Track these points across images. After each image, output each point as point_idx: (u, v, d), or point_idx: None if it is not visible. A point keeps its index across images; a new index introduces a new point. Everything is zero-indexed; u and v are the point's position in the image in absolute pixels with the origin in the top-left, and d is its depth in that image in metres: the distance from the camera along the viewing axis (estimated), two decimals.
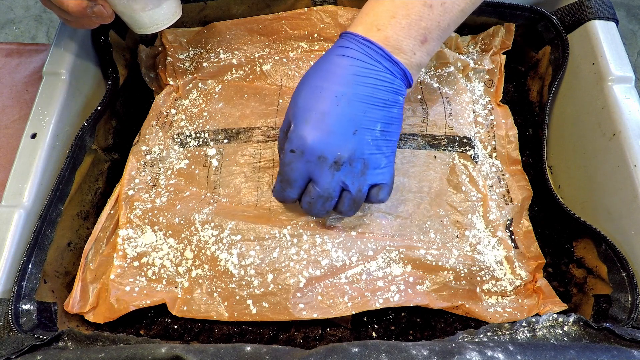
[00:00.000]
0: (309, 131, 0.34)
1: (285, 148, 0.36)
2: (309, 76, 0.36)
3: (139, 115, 0.52)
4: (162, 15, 0.42)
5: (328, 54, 0.37)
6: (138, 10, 0.41)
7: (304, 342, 0.40)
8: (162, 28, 0.43)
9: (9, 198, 0.39)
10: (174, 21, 0.43)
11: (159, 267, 0.42)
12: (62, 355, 0.31)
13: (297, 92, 0.36)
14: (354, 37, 0.36)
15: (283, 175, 0.37)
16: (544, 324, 0.33)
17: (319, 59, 0.37)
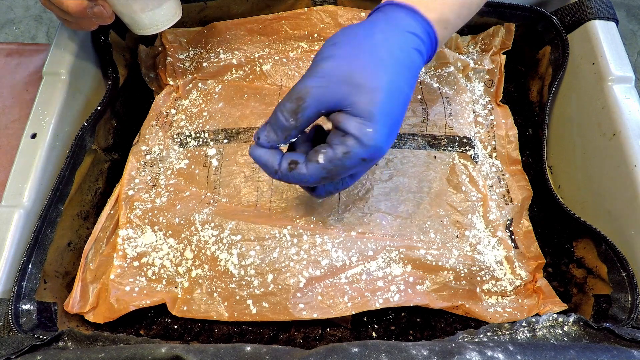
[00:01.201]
0: (386, 140, 0.31)
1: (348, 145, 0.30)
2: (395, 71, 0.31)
3: (139, 115, 0.52)
4: (162, 17, 0.42)
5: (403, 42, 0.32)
6: (138, 11, 0.41)
7: (304, 342, 0.40)
8: (162, 29, 0.43)
9: (9, 198, 0.39)
10: (173, 22, 0.44)
11: (159, 267, 0.42)
12: (62, 355, 0.31)
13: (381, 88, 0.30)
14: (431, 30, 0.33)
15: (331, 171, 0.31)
16: (544, 324, 0.33)
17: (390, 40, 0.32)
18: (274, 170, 0.32)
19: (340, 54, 0.31)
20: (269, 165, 0.32)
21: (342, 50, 0.31)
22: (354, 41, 0.31)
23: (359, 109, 0.30)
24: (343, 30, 0.33)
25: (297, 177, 0.32)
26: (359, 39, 0.31)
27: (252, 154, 0.33)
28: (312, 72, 0.31)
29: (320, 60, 0.31)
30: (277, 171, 0.32)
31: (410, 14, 0.33)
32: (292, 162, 0.32)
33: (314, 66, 0.31)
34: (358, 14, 0.51)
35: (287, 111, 0.31)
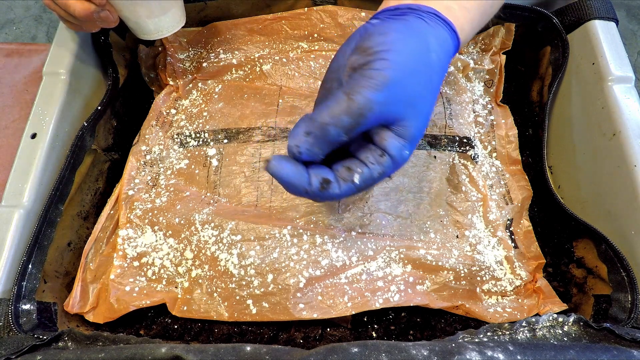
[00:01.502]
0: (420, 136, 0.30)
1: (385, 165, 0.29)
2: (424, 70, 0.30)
3: (139, 115, 0.52)
4: (167, 23, 0.43)
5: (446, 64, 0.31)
6: (144, 17, 0.41)
7: (304, 342, 0.40)
8: (166, 35, 0.44)
9: (9, 198, 0.39)
10: (178, 28, 0.44)
11: (159, 267, 0.42)
12: (62, 355, 0.31)
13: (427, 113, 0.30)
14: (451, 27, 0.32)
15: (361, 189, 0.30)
16: (544, 324, 0.33)
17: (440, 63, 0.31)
18: (304, 190, 0.29)
19: (402, 69, 0.28)
20: (298, 185, 0.29)
21: (403, 64, 0.28)
22: (412, 57, 0.29)
23: (407, 132, 0.29)
24: (396, 33, 0.29)
25: (327, 196, 0.29)
26: (416, 56, 0.29)
27: (279, 173, 0.28)
28: (372, 83, 0.27)
29: (380, 69, 0.27)
30: (307, 191, 0.29)
31: (449, 31, 0.32)
32: (324, 181, 0.29)
33: (373, 74, 0.27)
34: (358, 14, 0.51)
35: (344, 127, 0.27)
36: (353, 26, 0.51)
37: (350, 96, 0.27)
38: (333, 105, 0.27)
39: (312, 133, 0.28)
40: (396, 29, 0.30)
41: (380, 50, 0.28)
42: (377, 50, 0.28)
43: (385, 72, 0.27)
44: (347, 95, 0.27)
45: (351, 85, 0.27)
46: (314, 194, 0.29)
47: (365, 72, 0.28)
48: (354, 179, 0.29)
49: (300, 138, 0.28)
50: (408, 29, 0.30)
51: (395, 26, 0.30)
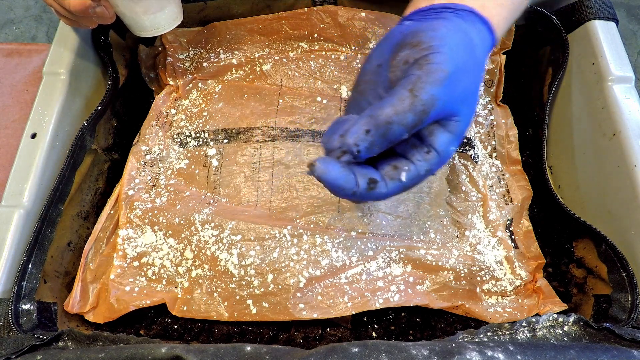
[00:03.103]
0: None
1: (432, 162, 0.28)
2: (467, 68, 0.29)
3: (139, 115, 0.52)
4: (163, 20, 0.42)
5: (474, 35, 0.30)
6: (140, 13, 0.41)
7: (304, 342, 0.40)
8: (163, 32, 0.43)
9: (9, 198, 0.39)
10: (174, 25, 0.44)
11: (159, 267, 0.42)
12: (62, 355, 0.31)
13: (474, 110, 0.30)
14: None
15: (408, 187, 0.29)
16: (544, 324, 0.33)
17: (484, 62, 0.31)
18: (352, 192, 0.28)
19: (457, 64, 0.27)
20: (346, 187, 0.27)
21: (458, 59, 0.28)
22: (464, 52, 0.29)
23: (457, 127, 0.28)
24: (445, 29, 0.29)
25: (374, 197, 0.29)
26: (467, 51, 0.29)
27: (326, 176, 0.27)
28: (434, 77, 0.26)
29: (440, 62, 0.27)
30: (355, 192, 0.28)
31: (487, 29, 0.31)
32: (371, 180, 0.28)
33: (434, 68, 0.27)
34: (358, 14, 0.51)
35: (407, 125, 0.26)
36: (353, 26, 0.51)
37: (414, 92, 0.26)
38: (396, 103, 0.26)
39: (373, 131, 0.26)
40: (443, 25, 0.29)
41: (435, 45, 0.27)
42: (431, 44, 0.27)
43: (444, 66, 0.27)
44: (411, 92, 0.26)
45: (412, 81, 0.26)
46: (361, 195, 0.28)
47: (425, 66, 0.27)
48: (401, 177, 0.28)
49: (359, 136, 0.27)
50: (452, 25, 0.30)
51: (440, 23, 0.30)
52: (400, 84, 0.27)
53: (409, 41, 0.29)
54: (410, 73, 0.27)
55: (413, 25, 0.30)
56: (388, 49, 0.31)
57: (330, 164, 0.27)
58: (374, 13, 0.51)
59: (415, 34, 0.29)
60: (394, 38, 0.31)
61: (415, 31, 0.29)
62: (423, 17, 0.32)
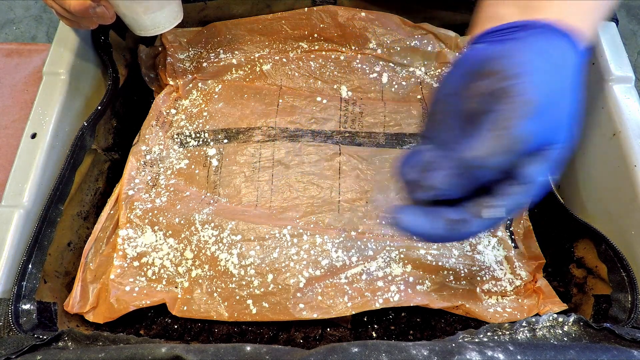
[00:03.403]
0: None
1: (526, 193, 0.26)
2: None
3: (139, 115, 0.52)
4: (163, 19, 0.42)
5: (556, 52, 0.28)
6: (140, 12, 0.41)
7: (304, 342, 0.40)
8: (163, 31, 0.43)
9: (9, 198, 0.39)
10: (175, 24, 0.44)
11: (159, 267, 0.42)
12: (62, 355, 0.31)
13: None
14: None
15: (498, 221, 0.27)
16: (544, 324, 0.33)
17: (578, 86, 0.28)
18: (440, 237, 0.27)
19: (546, 91, 0.25)
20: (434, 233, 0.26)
21: (546, 85, 0.25)
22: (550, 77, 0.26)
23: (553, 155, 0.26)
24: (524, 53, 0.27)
25: (463, 237, 0.27)
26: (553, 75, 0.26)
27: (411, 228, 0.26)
28: (522, 112, 0.24)
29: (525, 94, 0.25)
30: (442, 237, 0.27)
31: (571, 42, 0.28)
32: (457, 221, 0.26)
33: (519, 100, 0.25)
34: (358, 14, 0.51)
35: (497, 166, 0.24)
36: (353, 26, 0.51)
37: (502, 131, 0.24)
38: (484, 144, 0.24)
39: (459, 174, 0.25)
40: (520, 49, 0.27)
41: (515, 73, 0.25)
42: (511, 73, 0.25)
43: (530, 97, 0.24)
44: (499, 131, 0.24)
45: (498, 118, 0.25)
46: (450, 237, 0.27)
47: (509, 99, 0.25)
48: (489, 214, 0.26)
49: (445, 179, 0.26)
50: (530, 47, 0.27)
51: (516, 46, 0.27)
52: (485, 122, 0.25)
53: (484, 70, 0.27)
54: (494, 108, 0.25)
55: (485, 51, 0.28)
56: (460, 78, 0.29)
57: (412, 214, 0.26)
58: (374, 13, 0.51)
59: (490, 61, 0.27)
60: (465, 65, 0.29)
61: (490, 58, 0.27)
62: (495, 40, 0.29)
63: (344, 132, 0.47)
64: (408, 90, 0.51)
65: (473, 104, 0.27)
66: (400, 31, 0.52)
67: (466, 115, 0.28)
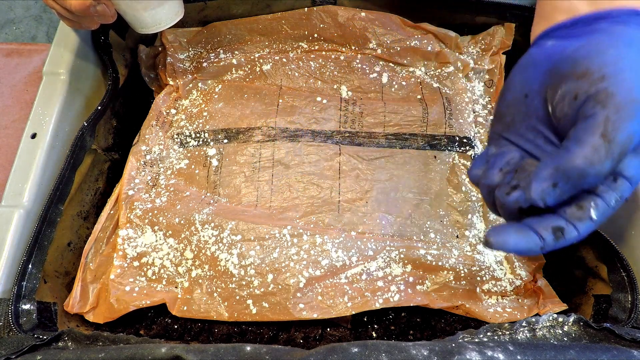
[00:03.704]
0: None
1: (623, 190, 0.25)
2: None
3: (139, 115, 0.52)
4: (164, 15, 0.42)
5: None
6: (141, 9, 0.41)
7: (304, 342, 0.40)
8: (165, 27, 0.43)
9: (9, 198, 0.39)
10: (176, 21, 0.43)
11: (159, 267, 0.42)
12: (62, 355, 0.31)
13: None
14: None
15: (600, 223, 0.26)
16: (544, 324, 0.33)
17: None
18: (540, 248, 0.26)
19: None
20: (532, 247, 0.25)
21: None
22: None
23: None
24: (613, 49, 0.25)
25: (565, 244, 0.26)
26: None
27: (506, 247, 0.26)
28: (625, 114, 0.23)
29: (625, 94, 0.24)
30: (542, 247, 0.26)
31: None
32: (556, 229, 0.25)
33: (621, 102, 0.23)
34: (358, 14, 0.51)
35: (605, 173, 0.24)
36: (353, 26, 0.51)
37: (608, 137, 0.23)
38: (589, 152, 0.23)
39: (561, 184, 0.24)
40: (608, 44, 0.25)
41: (609, 72, 0.24)
42: (604, 72, 0.24)
43: (633, 96, 0.23)
44: (604, 137, 0.23)
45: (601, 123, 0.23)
46: (551, 247, 0.26)
47: (609, 101, 0.23)
48: (591, 215, 0.25)
49: (545, 190, 0.25)
50: (618, 40, 0.25)
51: (602, 41, 0.26)
52: (585, 128, 0.24)
53: (569, 70, 0.26)
54: (592, 112, 0.24)
55: (567, 48, 0.27)
56: (535, 78, 0.28)
57: (504, 232, 0.26)
58: (374, 13, 0.51)
59: (575, 60, 0.25)
60: (540, 64, 0.28)
61: (574, 57, 0.26)
62: (574, 35, 0.27)
63: (344, 132, 0.47)
64: (408, 90, 0.51)
65: (563, 108, 0.26)
66: (400, 31, 0.52)
67: (548, 118, 0.27)
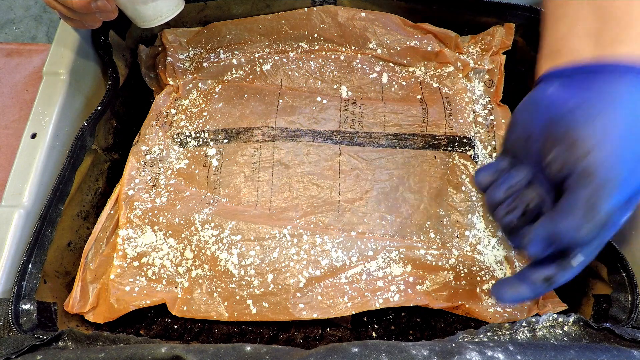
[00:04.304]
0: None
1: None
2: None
3: (139, 115, 0.52)
4: (165, 6, 0.42)
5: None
6: (140, 2, 0.40)
7: (304, 342, 0.40)
8: (166, 20, 0.42)
9: (9, 198, 0.39)
10: (177, 12, 0.43)
11: (159, 267, 0.42)
12: (62, 355, 0.31)
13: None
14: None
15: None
16: (544, 324, 0.33)
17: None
18: (535, 295, 0.30)
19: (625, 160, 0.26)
20: (529, 296, 0.30)
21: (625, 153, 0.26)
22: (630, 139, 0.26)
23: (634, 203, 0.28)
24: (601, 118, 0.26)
25: (556, 287, 0.30)
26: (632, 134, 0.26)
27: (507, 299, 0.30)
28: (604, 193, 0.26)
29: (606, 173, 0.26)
30: (537, 294, 0.30)
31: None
32: (547, 278, 0.30)
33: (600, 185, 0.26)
34: (358, 14, 0.51)
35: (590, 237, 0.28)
36: (353, 26, 0.51)
37: (591, 212, 0.26)
38: (576, 224, 0.27)
39: (555, 245, 0.28)
40: (600, 111, 0.27)
41: (593, 147, 0.26)
42: (589, 147, 0.26)
43: (613, 174, 0.26)
44: (588, 213, 0.26)
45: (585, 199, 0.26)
46: (542, 293, 0.30)
47: (592, 181, 0.26)
48: (576, 263, 0.29)
49: (539, 250, 0.29)
50: (610, 105, 0.27)
51: (594, 106, 0.27)
52: (571, 203, 0.27)
53: (561, 135, 0.28)
54: (576, 188, 0.27)
55: (561, 103, 0.28)
56: (536, 124, 0.30)
57: (503, 288, 0.30)
58: (374, 13, 0.51)
59: (568, 126, 0.27)
60: (541, 112, 0.30)
61: (567, 121, 0.27)
62: (571, 87, 0.29)
63: (344, 132, 0.47)
64: (408, 90, 0.51)
65: (556, 170, 0.29)
66: (400, 31, 0.52)
67: (550, 172, 0.29)
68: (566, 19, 0.31)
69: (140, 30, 0.54)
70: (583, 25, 0.29)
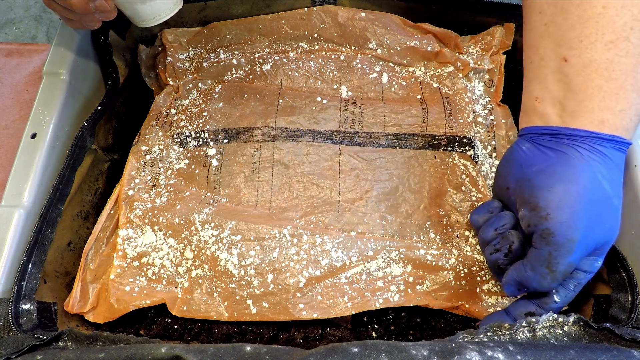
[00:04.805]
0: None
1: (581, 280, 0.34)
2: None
3: (139, 115, 0.52)
4: (163, 5, 0.41)
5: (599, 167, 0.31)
6: (139, 1, 0.40)
7: (304, 342, 0.40)
8: (165, 19, 0.42)
9: (9, 198, 0.39)
10: (176, 11, 0.43)
11: (159, 267, 0.42)
12: (62, 355, 0.31)
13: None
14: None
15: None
16: (544, 324, 0.33)
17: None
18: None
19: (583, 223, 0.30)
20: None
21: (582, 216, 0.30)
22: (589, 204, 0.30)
23: (601, 252, 0.33)
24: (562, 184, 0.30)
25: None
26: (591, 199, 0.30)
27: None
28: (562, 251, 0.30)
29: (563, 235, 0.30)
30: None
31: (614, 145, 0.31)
32: (528, 314, 0.35)
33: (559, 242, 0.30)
34: (358, 14, 0.51)
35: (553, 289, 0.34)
36: (353, 26, 0.51)
37: (551, 268, 0.31)
38: (539, 279, 0.32)
39: (522, 288, 0.34)
40: (559, 179, 0.30)
41: (553, 213, 0.30)
42: (549, 212, 0.30)
43: (570, 235, 0.30)
44: (549, 269, 0.31)
45: (545, 257, 0.31)
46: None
47: (551, 240, 0.30)
48: (555, 299, 0.34)
49: (514, 293, 0.34)
50: (571, 172, 0.30)
51: (556, 173, 0.31)
52: (535, 258, 0.32)
53: (527, 197, 0.32)
54: (539, 246, 0.31)
55: (531, 164, 0.32)
56: (512, 178, 0.35)
57: (491, 321, 0.32)
58: (374, 13, 0.51)
59: (532, 189, 0.31)
60: (516, 168, 0.34)
61: (532, 185, 0.31)
62: (542, 146, 0.33)
63: (344, 132, 0.47)
64: (408, 90, 0.51)
65: (524, 226, 0.33)
66: (400, 31, 0.52)
67: (522, 224, 0.33)
68: (537, 83, 0.34)
69: (140, 30, 0.54)
70: (550, 91, 0.33)
